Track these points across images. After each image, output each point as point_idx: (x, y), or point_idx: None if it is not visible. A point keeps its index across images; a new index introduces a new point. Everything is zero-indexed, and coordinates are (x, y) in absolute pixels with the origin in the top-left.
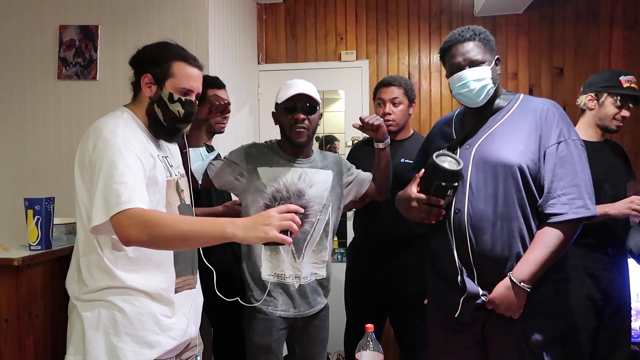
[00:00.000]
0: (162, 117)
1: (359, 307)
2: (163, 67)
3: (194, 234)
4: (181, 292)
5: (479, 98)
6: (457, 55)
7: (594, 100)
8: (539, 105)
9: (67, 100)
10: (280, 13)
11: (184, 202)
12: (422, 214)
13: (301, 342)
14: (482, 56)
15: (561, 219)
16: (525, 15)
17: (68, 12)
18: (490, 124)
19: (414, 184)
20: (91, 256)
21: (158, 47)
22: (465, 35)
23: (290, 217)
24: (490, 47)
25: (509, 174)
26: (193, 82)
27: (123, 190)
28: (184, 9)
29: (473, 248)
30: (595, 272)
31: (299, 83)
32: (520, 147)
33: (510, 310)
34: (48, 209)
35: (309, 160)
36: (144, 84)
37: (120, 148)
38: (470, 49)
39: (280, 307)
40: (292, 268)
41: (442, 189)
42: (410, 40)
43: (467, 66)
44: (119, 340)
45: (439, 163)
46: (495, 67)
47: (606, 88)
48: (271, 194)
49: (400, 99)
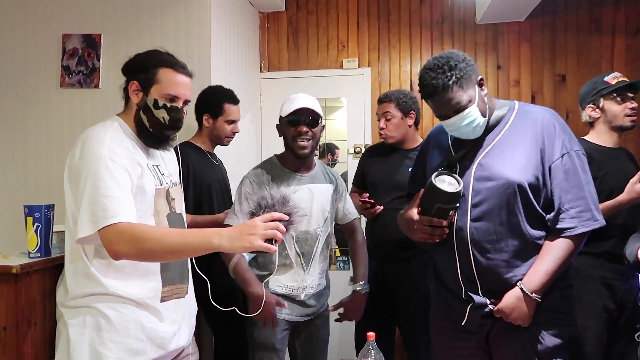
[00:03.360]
0: (147, 123)
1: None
2: (149, 74)
3: (182, 247)
4: (168, 301)
5: (473, 135)
6: (439, 107)
7: (596, 109)
8: (538, 117)
9: (69, 109)
10: (282, 21)
11: (173, 211)
12: (425, 235)
13: (303, 343)
14: (466, 97)
15: (572, 233)
16: (527, 23)
17: (71, 21)
18: (489, 138)
19: (414, 206)
20: (78, 263)
21: (146, 54)
22: (441, 83)
23: (275, 226)
24: (469, 79)
25: (511, 192)
26: (180, 89)
27: (109, 203)
28: (187, 18)
29: (477, 265)
30: (611, 282)
31: (301, 97)
32: (522, 163)
33: (521, 320)
34: (48, 216)
35: (311, 174)
36: (132, 91)
37: (106, 160)
38: (450, 98)
39: (284, 312)
40: (300, 280)
41: (443, 211)
42: (412, 48)
43: (452, 114)
44: (103, 347)
45: (439, 186)
46: (481, 92)
47: (598, 93)
48: (256, 200)
49: (392, 113)
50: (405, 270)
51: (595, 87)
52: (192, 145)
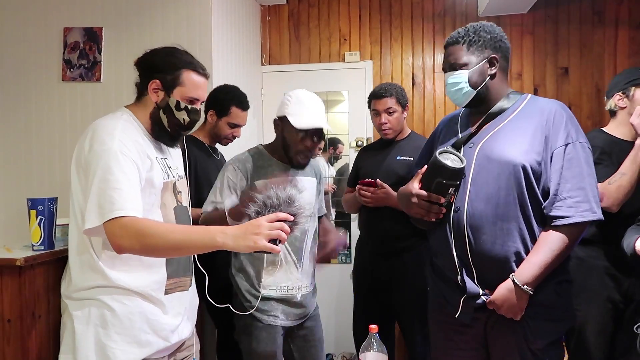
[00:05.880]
0: (167, 123)
1: (364, 298)
2: (173, 75)
3: (186, 244)
4: (172, 293)
5: (457, 101)
6: (444, 58)
7: (624, 98)
8: (547, 106)
9: (71, 102)
10: (283, 14)
11: (180, 204)
12: (422, 210)
13: (299, 347)
14: (464, 59)
15: (567, 221)
16: (530, 15)
17: (72, 14)
18: (496, 123)
19: (415, 180)
20: (84, 255)
21: (168, 53)
22: (455, 36)
23: (279, 226)
24: (481, 49)
25: (512, 173)
26: (200, 92)
27: (117, 196)
28: (188, 12)
29: (472, 247)
30: (616, 272)
31: (316, 111)
32: (525, 147)
33: (512, 312)
34: (51, 209)
35: None
36: (151, 89)
37: (117, 153)
38: (450, 52)
39: (280, 318)
40: (295, 279)
41: (443, 187)
42: (414, 41)
43: (448, 70)
44: (108, 339)
45: (441, 160)
46: (485, 67)
47: (633, 82)
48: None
49: (394, 108)
50: (399, 264)
51: (629, 76)
52: (194, 139)
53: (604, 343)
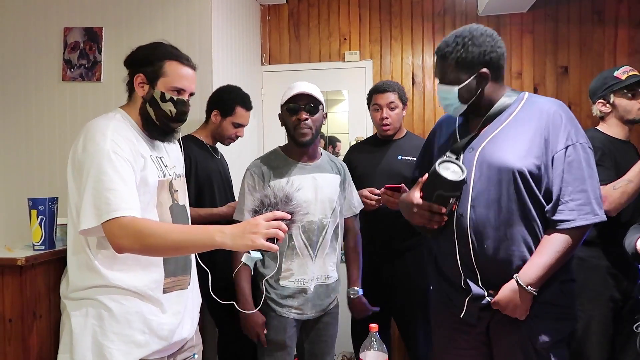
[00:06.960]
0: (154, 116)
1: None
2: (155, 67)
3: (185, 243)
4: (171, 292)
5: (449, 113)
6: (435, 65)
7: (606, 104)
8: (545, 107)
9: (71, 102)
10: (283, 14)
11: (176, 203)
12: (424, 220)
13: (311, 339)
14: (452, 76)
15: (569, 225)
16: (530, 14)
17: (72, 14)
18: (495, 125)
19: (416, 189)
20: (80, 255)
21: (150, 47)
22: (443, 49)
23: (277, 225)
24: (470, 66)
25: (511, 179)
26: (185, 82)
27: (112, 197)
28: (188, 11)
29: (476, 253)
30: (616, 271)
31: (300, 84)
32: (523, 151)
33: (516, 313)
34: (52, 209)
35: (316, 164)
36: (137, 84)
37: (109, 153)
38: (439, 66)
39: (294, 311)
40: (309, 272)
41: (444, 198)
42: (413, 40)
43: (439, 80)
44: (105, 339)
45: (442, 173)
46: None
47: (609, 88)
48: (259, 198)
49: (396, 103)
50: (401, 263)
51: (605, 83)
52: (194, 138)
53: (606, 342)
